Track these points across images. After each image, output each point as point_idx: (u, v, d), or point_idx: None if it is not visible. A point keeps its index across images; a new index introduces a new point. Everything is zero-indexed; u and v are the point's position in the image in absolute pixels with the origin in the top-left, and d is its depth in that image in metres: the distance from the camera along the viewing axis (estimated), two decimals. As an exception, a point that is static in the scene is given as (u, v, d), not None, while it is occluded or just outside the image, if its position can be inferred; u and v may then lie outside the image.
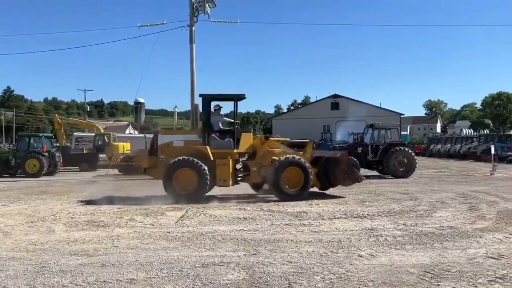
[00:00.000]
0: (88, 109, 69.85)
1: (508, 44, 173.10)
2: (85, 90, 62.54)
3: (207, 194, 11.32)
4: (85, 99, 65.44)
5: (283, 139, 13.10)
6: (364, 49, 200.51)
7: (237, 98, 11.85)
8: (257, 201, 11.11)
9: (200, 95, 12.05)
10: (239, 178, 11.92)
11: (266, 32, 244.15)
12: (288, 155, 11.37)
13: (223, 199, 11.39)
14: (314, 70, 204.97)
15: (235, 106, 11.80)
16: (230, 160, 11.27)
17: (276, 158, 11.29)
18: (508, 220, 8.05)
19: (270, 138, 12.32)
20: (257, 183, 12.04)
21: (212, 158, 11.14)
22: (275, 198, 11.20)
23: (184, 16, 22.76)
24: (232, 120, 12.02)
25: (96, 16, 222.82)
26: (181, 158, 10.90)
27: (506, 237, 6.62)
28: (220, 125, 11.92)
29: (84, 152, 28.71)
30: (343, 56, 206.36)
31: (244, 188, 12.52)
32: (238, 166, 12.17)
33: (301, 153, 11.93)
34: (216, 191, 12.13)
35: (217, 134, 11.63)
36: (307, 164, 11.32)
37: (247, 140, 11.63)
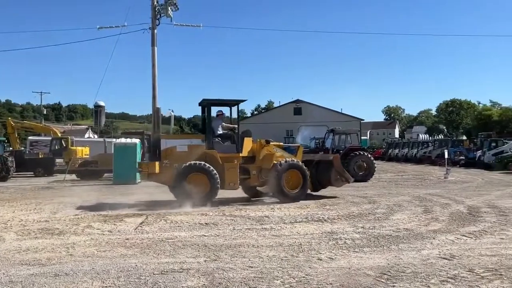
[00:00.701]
0: (45, 112, 67.37)
1: (463, 54, 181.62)
2: (41, 92, 60.14)
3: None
4: (41, 102, 63.15)
5: (279, 143, 13.41)
6: (326, 56, 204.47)
7: (236, 103, 12.06)
8: (219, 205, 11.06)
9: (204, 100, 11.98)
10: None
11: (228, 37, 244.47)
12: (288, 159, 11.86)
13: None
14: (277, 75, 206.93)
15: (237, 111, 12.16)
16: (238, 164, 11.49)
17: (276, 161, 11.63)
18: (459, 221, 8.41)
19: (271, 143, 12.55)
20: (252, 186, 12.38)
21: (221, 162, 11.22)
22: (238, 203, 11.20)
23: (146, 18, 22.41)
24: (232, 126, 12.37)
25: (54, 16, 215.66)
26: (192, 162, 10.85)
27: (457, 238, 6.91)
28: (220, 130, 12.01)
29: (40, 156, 27.60)
30: (306, 62, 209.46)
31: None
32: None
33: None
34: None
35: (219, 138, 11.77)
36: (305, 167, 11.90)
37: (248, 144, 11.97)
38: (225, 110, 12.49)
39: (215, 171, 10.91)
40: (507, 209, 9.89)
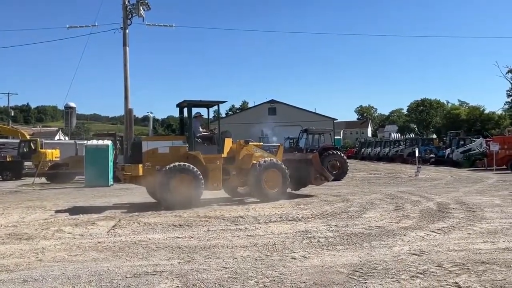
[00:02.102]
0: (12, 114, 64.99)
1: (433, 54, 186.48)
2: (8, 93, 58.18)
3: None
4: (8, 103, 61.04)
5: (258, 143, 13.43)
6: (299, 56, 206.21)
7: (217, 103, 12.00)
8: (194, 207, 10.99)
9: (185, 101, 11.80)
10: None
11: (203, 38, 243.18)
12: (267, 158, 11.93)
13: (157, 206, 11.10)
14: (251, 75, 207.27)
15: (218, 111, 12.41)
16: (220, 164, 11.46)
17: (256, 161, 11.66)
18: (429, 218, 8.64)
19: (250, 143, 12.54)
20: (234, 186, 12.39)
21: (204, 163, 11.13)
22: (213, 203, 11.15)
23: (117, 18, 22.06)
24: (209, 128, 12.48)
25: (24, 15, 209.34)
26: (176, 164, 10.68)
27: (427, 234, 7.09)
28: (200, 131, 11.91)
29: (8, 159, 26.73)
30: (279, 63, 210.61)
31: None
32: None
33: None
34: (150, 198, 11.86)
35: (200, 140, 11.68)
36: (284, 166, 11.97)
37: (228, 144, 12.00)
38: (203, 111, 12.46)
39: (199, 172, 10.85)
40: (475, 205, 10.22)
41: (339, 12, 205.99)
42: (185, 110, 11.96)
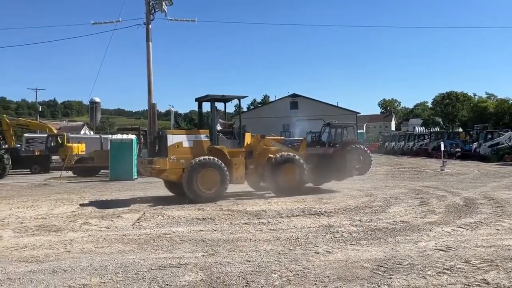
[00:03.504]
0: (40, 109, 66.65)
1: (458, 46, 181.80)
2: (36, 89, 59.72)
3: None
4: (36, 99, 62.65)
5: (278, 137, 13.43)
6: (322, 50, 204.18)
7: (239, 98, 12.16)
8: (217, 200, 11.07)
9: (207, 96, 11.84)
10: None
11: (223, 32, 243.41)
12: (283, 153, 11.87)
13: (181, 199, 11.21)
14: (273, 69, 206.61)
15: (239, 106, 12.64)
16: (243, 158, 11.58)
17: (272, 156, 11.66)
18: (455, 213, 8.46)
19: (266, 137, 12.58)
20: (257, 180, 12.41)
21: (229, 157, 11.26)
22: (235, 197, 11.21)
23: (141, 13, 22.29)
24: (228, 122, 12.56)
25: (48, 13, 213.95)
26: (202, 158, 10.84)
27: (454, 230, 6.95)
28: (219, 126, 12.02)
29: (36, 153, 27.49)
30: (302, 57, 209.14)
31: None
32: None
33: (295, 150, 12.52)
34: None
35: (221, 134, 11.79)
36: (302, 161, 11.91)
37: (247, 139, 12.13)
38: (220, 105, 12.51)
39: (225, 166, 10.96)
40: (503, 201, 9.95)
41: (361, 5, 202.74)
42: (203, 104, 12.14)
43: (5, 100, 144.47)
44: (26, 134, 37.17)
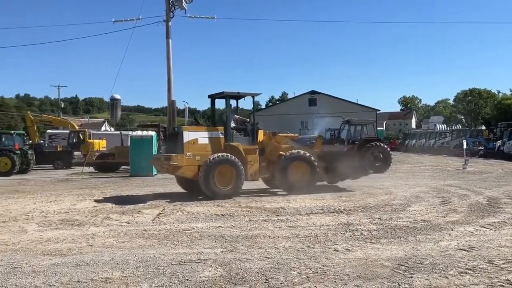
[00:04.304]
0: (62, 106, 68.02)
1: (482, 42, 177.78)
2: (59, 86, 61.01)
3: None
4: (59, 96, 63.86)
5: (292, 134, 13.38)
6: (341, 47, 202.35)
7: (253, 95, 12.22)
8: (234, 197, 11.11)
9: (223, 93, 11.90)
10: None
11: (243, 29, 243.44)
12: (294, 150, 11.81)
13: (198, 196, 11.29)
14: (292, 66, 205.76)
15: (253, 103, 12.43)
16: (257, 155, 11.60)
17: (283, 153, 11.66)
18: (478, 213, 8.29)
19: (278, 134, 12.59)
20: (268, 177, 12.41)
21: (244, 154, 11.32)
22: (252, 195, 11.23)
23: (160, 11, 22.48)
24: (242, 119, 12.37)
25: (70, 11, 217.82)
26: (219, 155, 10.93)
27: (476, 230, 6.82)
28: (233, 123, 12.08)
29: (58, 149, 28.09)
30: (321, 54, 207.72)
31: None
32: None
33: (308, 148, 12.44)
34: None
35: (235, 131, 11.87)
36: (313, 158, 11.81)
37: (260, 136, 12.13)
38: (233, 102, 12.51)
39: (240, 163, 11.00)
40: (528, 200, 9.71)
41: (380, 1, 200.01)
42: (216, 101, 12.23)
43: (29, 97, 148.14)
44: (49, 130, 38.05)
